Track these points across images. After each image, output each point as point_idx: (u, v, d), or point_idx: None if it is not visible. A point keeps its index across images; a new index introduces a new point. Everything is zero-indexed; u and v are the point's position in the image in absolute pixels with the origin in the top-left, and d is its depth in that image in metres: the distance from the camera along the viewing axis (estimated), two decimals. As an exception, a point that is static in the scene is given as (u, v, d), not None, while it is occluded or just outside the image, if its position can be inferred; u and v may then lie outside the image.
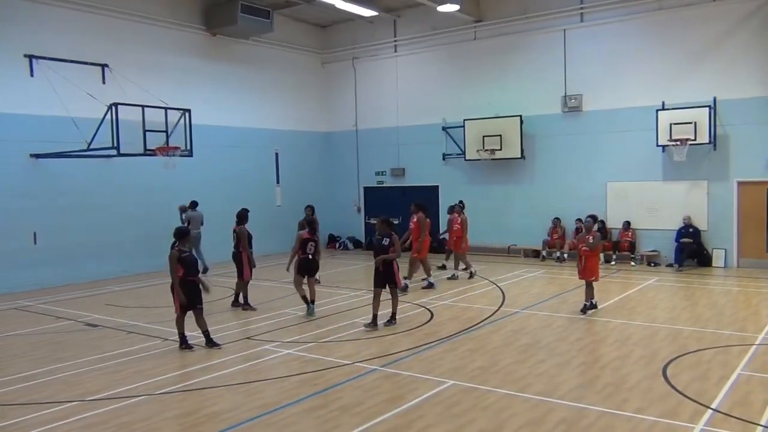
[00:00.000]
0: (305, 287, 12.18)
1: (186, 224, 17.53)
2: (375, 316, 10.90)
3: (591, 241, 11.64)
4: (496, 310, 12.27)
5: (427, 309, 12.49)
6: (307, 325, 11.37)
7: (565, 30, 19.01)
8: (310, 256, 12.12)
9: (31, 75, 15.84)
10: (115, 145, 14.31)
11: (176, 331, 9.98)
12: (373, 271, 11.13)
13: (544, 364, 8.77)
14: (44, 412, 7.29)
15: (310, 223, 12.53)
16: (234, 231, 12.99)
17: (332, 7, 19.92)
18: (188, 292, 9.71)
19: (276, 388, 8.00)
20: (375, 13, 20.97)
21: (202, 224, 17.94)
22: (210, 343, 9.94)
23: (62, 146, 15.58)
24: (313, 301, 12.19)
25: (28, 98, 15.70)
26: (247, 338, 10.54)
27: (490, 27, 20.36)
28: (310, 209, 17.01)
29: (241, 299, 13.07)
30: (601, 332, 10.45)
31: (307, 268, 12.15)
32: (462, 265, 16.35)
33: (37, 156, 15.87)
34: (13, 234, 15.51)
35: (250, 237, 13.04)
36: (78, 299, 14.53)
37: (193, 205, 18.31)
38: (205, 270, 17.88)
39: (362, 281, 15.66)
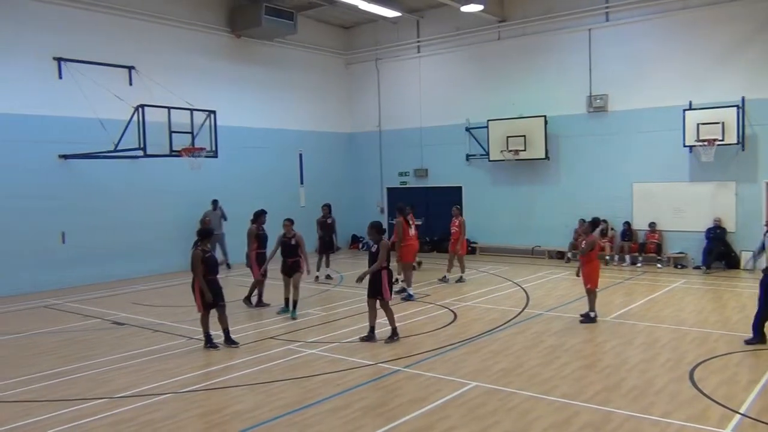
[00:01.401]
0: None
1: (206, 223, 17.95)
2: (371, 328, 10.26)
3: (583, 246, 11.39)
4: (520, 312, 12.19)
5: (451, 310, 12.45)
6: (330, 326, 11.39)
7: (590, 29, 18.83)
8: None
9: (60, 77, 16.10)
10: (142, 146, 14.49)
11: (201, 329, 10.07)
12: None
13: (569, 366, 8.69)
14: (71, 409, 7.40)
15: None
16: None
17: (355, 8, 19.96)
18: (210, 291, 9.80)
19: (299, 388, 8.03)
20: (398, 14, 20.97)
21: (225, 219, 18.30)
22: (229, 341, 10.02)
23: (90, 147, 15.82)
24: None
25: (56, 100, 15.95)
26: (271, 338, 10.59)
27: (514, 27, 20.25)
28: (327, 207, 16.96)
29: (253, 298, 13.26)
30: (628, 335, 10.32)
31: None
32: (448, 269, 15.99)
33: (66, 157, 16.13)
34: (42, 233, 15.76)
35: (263, 237, 13.09)
36: (105, 298, 14.73)
37: (214, 203, 18.56)
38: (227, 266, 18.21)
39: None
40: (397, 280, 15.43)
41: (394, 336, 10.16)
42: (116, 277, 16.99)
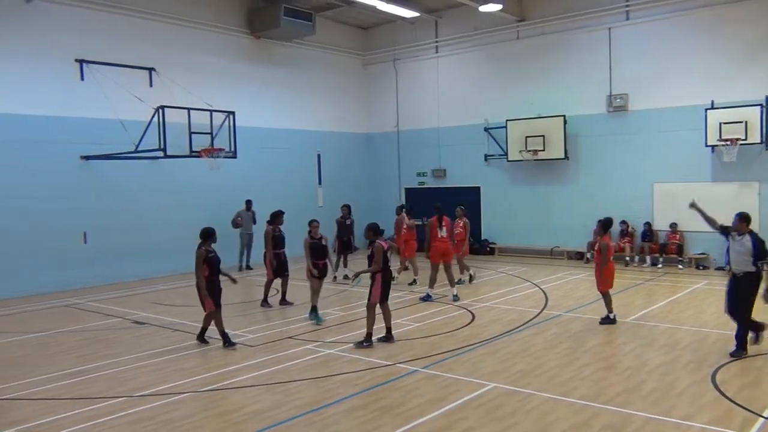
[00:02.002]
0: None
1: (238, 223, 18.16)
2: (387, 329, 10.18)
3: (594, 249, 11.16)
4: (539, 313, 12.11)
5: (469, 311, 12.40)
6: (348, 326, 11.40)
7: (610, 28, 18.67)
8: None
9: (82, 79, 16.29)
10: (162, 146, 14.62)
11: (218, 329, 10.11)
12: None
13: (589, 368, 8.61)
14: (91, 408, 7.47)
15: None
16: None
17: (373, 8, 19.97)
18: (211, 291, 9.97)
19: (317, 388, 8.04)
20: (416, 14, 20.94)
21: (254, 223, 18.45)
22: (202, 338, 10.26)
23: (111, 148, 15.97)
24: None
25: (78, 102, 16.14)
26: (289, 338, 10.61)
27: (533, 26, 20.13)
28: (347, 208, 16.95)
29: (274, 298, 13.38)
30: (648, 336, 10.21)
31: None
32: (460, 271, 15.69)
33: (87, 158, 16.31)
34: (64, 233, 15.95)
35: (279, 238, 13.18)
36: (126, 297, 14.87)
37: (248, 204, 18.68)
38: (246, 268, 18.31)
39: (403, 282, 15.63)
40: (415, 280, 15.45)
41: (365, 342, 9.86)
42: (137, 276, 17.14)
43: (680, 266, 17.42)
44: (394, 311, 12.38)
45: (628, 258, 17.99)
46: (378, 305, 10.07)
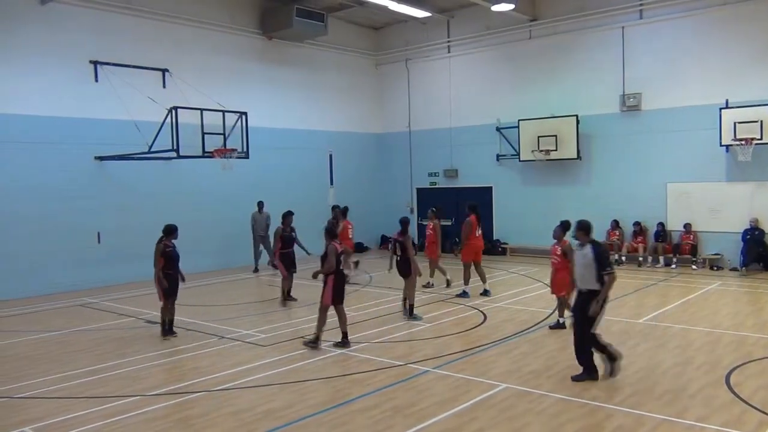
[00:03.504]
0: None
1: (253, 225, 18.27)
2: (344, 334, 9.99)
3: (558, 252, 10.67)
4: (551, 313, 12.06)
5: (481, 311, 12.39)
6: (360, 326, 11.41)
7: (623, 27, 18.57)
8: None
9: (96, 80, 16.42)
10: (175, 147, 14.70)
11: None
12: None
13: (601, 369, 8.55)
14: (107, 406, 7.54)
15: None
16: None
17: (385, 8, 19.98)
18: (168, 283, 10.60)
19: (329, 388, 8.07)
20: (428, 14, 20.94)
21: (268, 226, 18.32)
22: (169, 331, 10.76)
23: (125, 149, 16.08)
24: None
25: (93, 103, 16.28)
26: (301, 337, 10.64)
27: (545, 26, 20.07)
28: (338, 210, 16.77)
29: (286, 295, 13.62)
30: (661, 338, 10.16)
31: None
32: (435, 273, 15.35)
33: (101, 158, 16.44)
34: (78, 233, 16.10)
35: (287, 238, 13.54)
36: (139, 297, 14.95)
37: (260, 205, 18.70)
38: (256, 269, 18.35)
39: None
40: (448, 282, 15.18)
41: (311, 343, 9.84)
42: (149, 276, 17.01)
43: (694, 267, 17.30)
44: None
45: (641, 258, 17.90)
46: (333, 307, 9.88)
